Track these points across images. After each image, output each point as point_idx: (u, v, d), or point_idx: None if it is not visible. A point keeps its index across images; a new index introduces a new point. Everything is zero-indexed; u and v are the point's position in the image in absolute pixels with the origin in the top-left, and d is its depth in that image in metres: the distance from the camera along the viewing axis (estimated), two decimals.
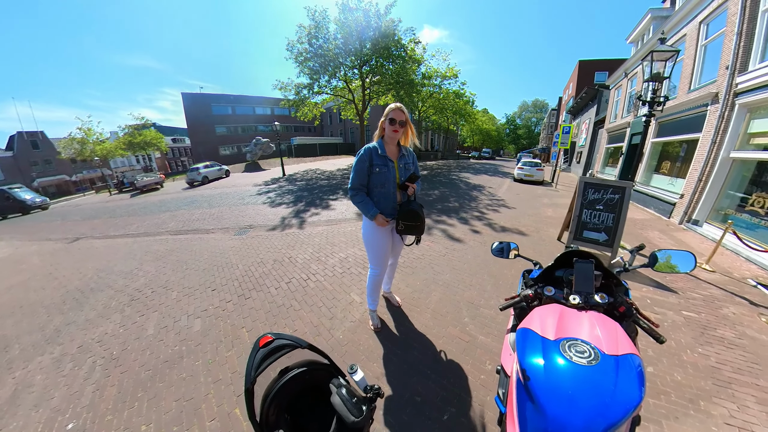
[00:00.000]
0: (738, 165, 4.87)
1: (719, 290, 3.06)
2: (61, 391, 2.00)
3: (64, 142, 22.00)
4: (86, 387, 2.01)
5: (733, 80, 4.84)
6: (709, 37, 5.98)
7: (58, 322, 2.95)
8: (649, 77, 4.01)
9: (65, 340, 2.60)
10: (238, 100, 36.16)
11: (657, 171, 7.74)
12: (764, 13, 4.48)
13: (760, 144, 4.51)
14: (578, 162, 18.22)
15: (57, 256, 5.50)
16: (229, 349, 2.25)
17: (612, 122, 12.11)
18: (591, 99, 16.13)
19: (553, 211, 6.73)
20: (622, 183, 3.57)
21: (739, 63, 4.78)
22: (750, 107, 4.67)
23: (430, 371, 1.93)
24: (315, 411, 0.65)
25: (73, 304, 3.31)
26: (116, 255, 5.08)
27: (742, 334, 2.33)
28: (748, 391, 1.79)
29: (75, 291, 3.69)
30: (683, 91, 6.60)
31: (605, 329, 0.86)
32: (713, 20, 5.83)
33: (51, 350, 2.48)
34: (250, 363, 0.57)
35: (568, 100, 26.48)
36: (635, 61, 9.73)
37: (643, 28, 10.23)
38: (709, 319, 2.54)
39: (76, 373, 2.17)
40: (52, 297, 3.59)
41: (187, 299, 3.10)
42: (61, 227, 8.88)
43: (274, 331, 0.64)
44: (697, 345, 2.21)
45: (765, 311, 2.66)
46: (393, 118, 1.83)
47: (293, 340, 0.63)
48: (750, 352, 2.14)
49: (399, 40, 13.43)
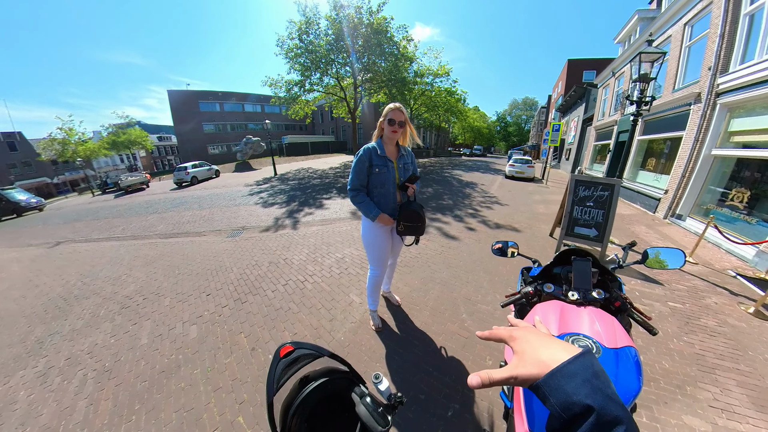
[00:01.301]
0: (719, 162, 5.08)
1: (702, 281, 3.22)
2: (50, 407, 1.92)
3: (44, 143, 20.99)
4: (78, 402, 1.93)
5: (715, 81, 5.04)
6: (693, 39, 6.19)
7: (40, 332, 2.82)
8: (636, 78, 4.13)
9: (50, 352, 2.49)
10: (226, 96, 35.17)
11: (643, 167, 8.00)
12: (745, 16, 4.66)
13: (740, 142, 4.72)
14: (567, 159, 18.64)
15: (38, 263, 5.27)
16: (227, 355, 2.22)
17: (600, 120, 12.41)
18: (579, 97, 16.48)
19: (544, 208, 6.87)
20: (612, 180, 3.68)
21: (721, 64, 4.96)
22: (730, 107, 4.87)
23: (432, 368, 1.96)
24: (334, 419, 0.65)
25: (56, 313, 3.17)
26: (101, 260, 4.90)
27: (723, 323, 2.46)
28: (730, 376, 1.91)
29: (58, 299, 3.54)
30: (668, 91, 6.82)
31: (604, 324, 0.89)
32: (698, 22, 6.03)
33: (34, 363, 2.37)
34: (272, 375, 0.56)
35: (558, 98, 26.98)
36: (622, 61, 9.98)
37: (630, 28, 10.49)
38: (693, 309, 2.67)
39: (65, 387, 2.08)
40: (33, 306, 3.44)
41: (181, 305, 3.03)
42: (42, 231, 8.50)
43: (294, 340, 0.64)
44: (683, 334, 2.32)
45: (744, 300, 2.81)
46: (392, 119, 1.81)
47: (314, 349, 0.63)
48: (731, 339, 2.26)
49: (392, 37, 13.33)
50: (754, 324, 2.45)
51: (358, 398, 0.61)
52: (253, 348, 2.27)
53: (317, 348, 0.63)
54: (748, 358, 2.07)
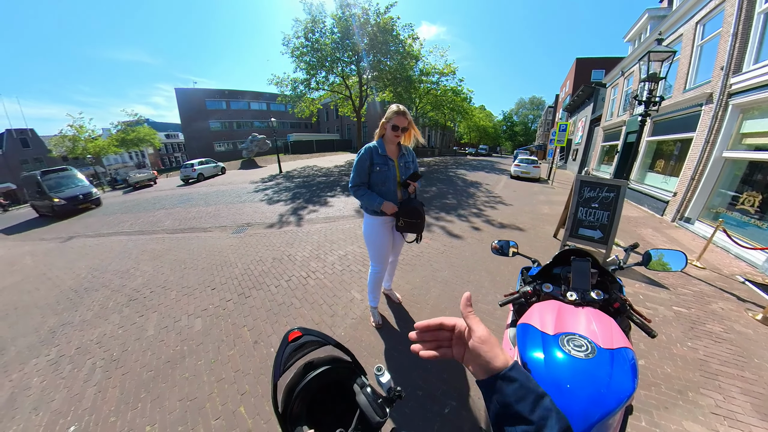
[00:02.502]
0: (730, 164, 4.97)
1: (709, 286, 3.16)
2: (61, 393, 2.00)
3: (55, 139, 21.40)
4: (87, 389, 2.01)
5: (728, 81, 4.92)
6: (705, 38, 6.04)
7: (52, 323, 2.92)
8: (645, 77, 4.06)
9: (61, 342, 2.58)
10: (233, 95, 35.55)
11: (651, 169, 7.86)
12: (760, 15, 4.53)
13: (752, 144, 4.60)
14: (574, 159, 18.38)
15: (50, 256, 5.43)
16: (231, 348, 2.27)
17: (608, 120, 12.21)
18: (588, 97, 16.21)
19: (549, 209, 6.80)
20: (618, 181, 3.63)
21: (734, 64, 4.84)
22: (743, 108, 4.75)
23: (431, 366, 1.97)
24: (334, 407, 0.67)
25: (67, 305, 3.27)
26: (110, 254, 5.03)
27: (729, 329, 2.42)
28: (733, 383, 1.87)
29: (69, 291, 3.66)
30: (678, 91, 6.68)
31: (601, 324, 0.90)
32: (710, 21, 5.88)
33: (47, 352, 2.46)
34: (279, 357, 0.60)
35: (565, 97, 26.59)
36: (632, 60, 9.79)
37: (640, 27, 10.28)
38: (698, 314, 2.62)
39: (75, 375, 2.16)
40: (46, 297, 3.55)
41: (186, 299, 3.10)
42: (54, 226, 8.73)
43: (303, 326, 0.67)
44: (687, 339, 2.29)
45: (752, 307, 2.75)
46: (396, 125, 1.85)
47: (321, 337, 0.66)
48: (737, 345, 2.22)
49: (397, 36, 13.30)
50: (761, 331, 2.40)
51: (359, 388, 0.63)
52: (256, 341, 2.31)
53: (324, 336, 0.66)
54: (753, 365, 2.03)
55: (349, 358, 0.70)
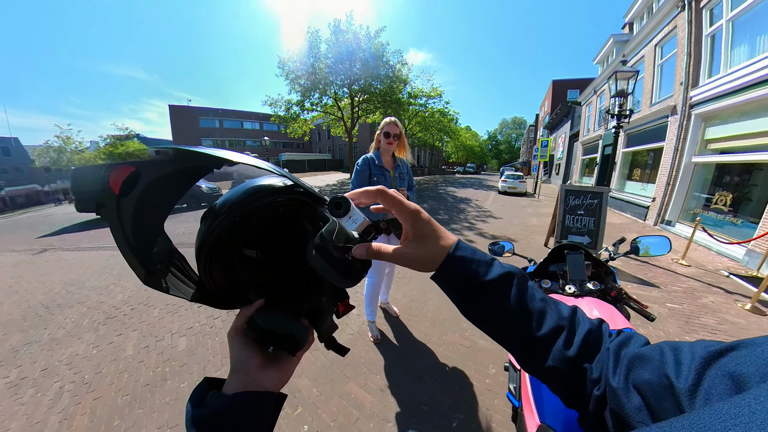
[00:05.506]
0: (700, 168, 5.31)
1: (697, 282, 3.23)
2: (19, 421, 1.77)
3: (40, 150, 20.74)
4: (51, 416, 1.79)
5: (688, 94, 5.40)
6: (664, 58, 6.70)
7: (15, 341, 2.65)
8: (614, 93, 4.42)
9: (25, 362, 2.33)
10: (226, 113, 36.14)
11: (630, 178, 8.28)
12: (707, 36, 5.11)
13: (717, 148, 4.97)
14: (557, 173, 19.21)
15: (20, 269, 5.05)
16: (218, 368, 2.12)
17: (585, 135, 12.99)
18: (565, 115, 17.34)
19: (537, 220, 6.97)
20: (600, 188, 3.82)
21: (692, 79, 5.35)
22: (704, 117, 5.18)
23: (434, 379, 1.89)
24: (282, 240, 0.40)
25: (35, 321, 3.00)
26: (89, 269, 4.74)
27: (722, 320, 2.46)
28: None
29: (39, 306, 3.37)
30: (646, 105, 7.25)
31: (602, 310, 0.91)
32: (666, 43, 6.58)
33: (5, 374, 2.20)
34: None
35: (545, 116, 28.34)
36: (602, 80, 10.66)
37: (607, 50, 11.33)
38: (691, 309, 2.66)
39: (38, 399, 1.93)
40: (11, 313, 3.26)
41: (170, 316, 2.91)
42: (27, 238, 8.22)
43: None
44: (684, 333, 2.30)
45: (740, 298, 2.82)
46: (388, 132, 1.95)
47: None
48: (731, 335, 2.26)
49: (387, 62, 14.12)
50: (752, 320, 2.45)
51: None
52: None
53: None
54: None
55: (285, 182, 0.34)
